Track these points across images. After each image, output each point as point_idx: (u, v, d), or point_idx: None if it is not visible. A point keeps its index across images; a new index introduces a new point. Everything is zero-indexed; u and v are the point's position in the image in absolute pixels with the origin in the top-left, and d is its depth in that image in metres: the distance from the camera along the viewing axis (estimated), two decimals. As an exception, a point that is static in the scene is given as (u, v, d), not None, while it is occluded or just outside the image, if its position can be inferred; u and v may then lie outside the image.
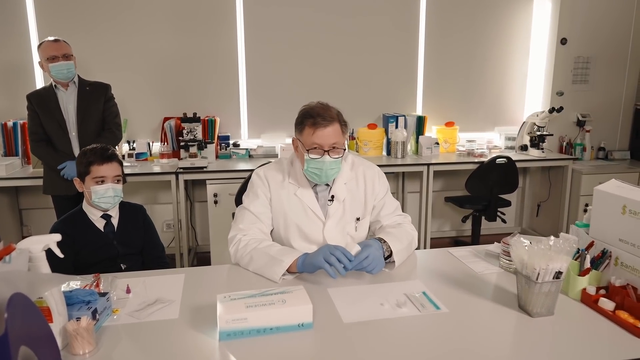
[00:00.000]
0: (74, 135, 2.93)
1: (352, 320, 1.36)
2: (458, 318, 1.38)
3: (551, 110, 3.90)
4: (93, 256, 1.96)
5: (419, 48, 4.16)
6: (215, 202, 3.42)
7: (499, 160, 3.72)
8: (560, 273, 1.34)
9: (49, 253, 1.25)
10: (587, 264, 1.49)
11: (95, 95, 2.96)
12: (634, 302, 1.35)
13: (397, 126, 3.98)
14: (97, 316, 1.30)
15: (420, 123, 4.10)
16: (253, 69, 3.95)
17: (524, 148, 4.08)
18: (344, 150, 1.73)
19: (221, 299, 1.31)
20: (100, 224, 2.01)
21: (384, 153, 4.06)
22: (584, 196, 3.94)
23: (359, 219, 1.86)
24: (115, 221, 2.04)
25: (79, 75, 2.97)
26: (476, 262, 1.77)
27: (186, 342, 1.26)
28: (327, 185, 1.83)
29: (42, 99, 2.89)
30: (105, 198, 1.94)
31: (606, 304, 1.39)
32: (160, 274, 1.70)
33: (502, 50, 4.29)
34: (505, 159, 3.73)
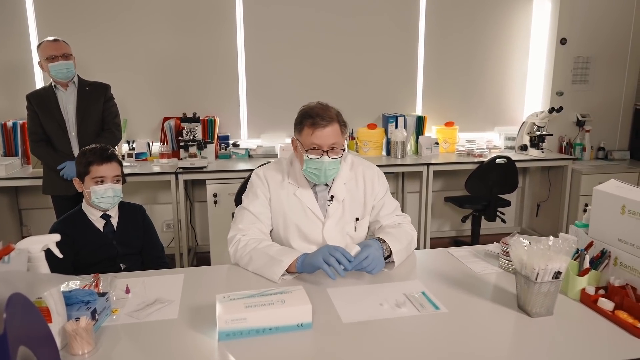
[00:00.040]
0: (73, 136, 2.93)
1: (352, 320, 1.36)
2: (457, 318, 1.38)
3: (551, 110, 3.90)
4: (92, 256, 1.96)
5: (418, 48, 4.17)
6: (215, 202, 3.42)
7: (498, 160, 3.72)
8: (559, 273, 1.34)
9: (49, 253, 1.25)
10: (587, 264, 1.49)
11: (95, 96, 2.96)
12: (633, 302, 1.35)
13: (397, 126, 3.98)
14: (97, 316, 1.30)
15: (420, 123, 4.10)
16: (253, 68, 3.95)
17: (523, 148, 4.08)
18: (343, 151, 1.73)
19: (220, 299, 1.31)
20: (99, 224, 2.01)
21: (384, 153, 4.07)
22: (583, 196, 3.94)
23: (358, 219, 1.86)
24: (114, 221, 2.04)
25: (79, 76, 2.97)
26: (475, 262, 1.77)
27: (185, 342, 1.26)
28: (327, 185, 1.83)
29: (42, 99, 2.89)
30: (104, 198, 1.94)
31: (605, 304, 1.39)
32: (160, 274, 1.70)
33: (502, 50, 4.29)
34: (505, 159, 3.73)
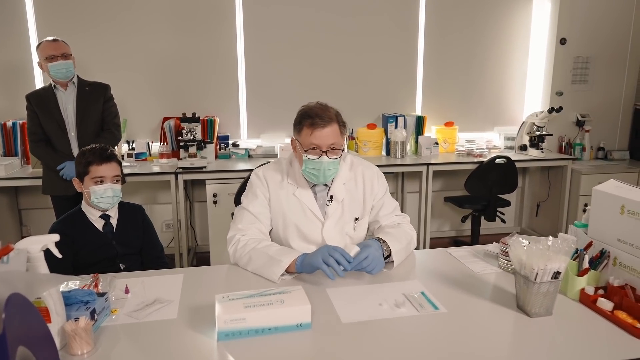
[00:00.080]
0: (73, 136, 2.92)
1: (351, 320, 1.36)
2: (456, 318, 1.38)
3: (550, 110, 3.90)
4: (92, 256, 1.96)
5: (418, 48, 4.17)
6: (215, 202, 3.42)
7: (498, 160, 3.72)
8: (558, 273, 1.34)
9: (48, 253, 1.25)
10: (586, 264, 1.49)
11: (95, 96, 2.96)
12: (633, 302, 1.35)
13: (397, 126, 3.99)
14: (96, 316, 1.30)
15: (420, 123, 4.10)
16: (252, 68, 3.95)
17: (523, 148, 4.08)
18: (342, 151, 1.73)
19: (219, 299, 1.31)
20: (99, 224, 2.01)
21: (384, 153, 4.06)
22: (583, 196, 3.94)
23: (357, 219, 1.86)
24: (114, 221, 2.04)
25: (78, 76, 2.97)
26: (475, 262, 1.77)
27: (184, 342, 1.26)
28: (326, 185, 1.83)
29: (42, 99, 2.89)
30: (104, 198, 1.94)
31: (604, 304, 1.39)
32: (159, 274, 1.70)
33: (502, 50, 4.29)
34: (504, 159, 3.73)
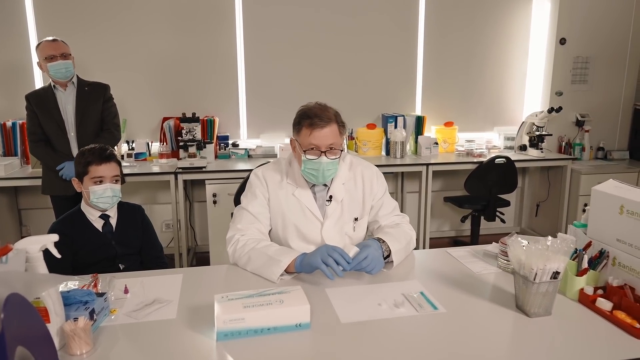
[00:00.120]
0: (72, 136, 2.92)
1: (350, 320, 1.36)
2: (456, 318, 1.38)
3: (550, 110, 3.90)
4: (91, 256, 1.96)
5: (418, 48, 4.16)
6: (215, 202, 3.42)
7: (498, 160, 3.72)
8: (557, 273, 1.34)
9: (47, 253, 1.25)
10: (585, 264, 1.49)
11: (94, 96, 2.96)
12: (632, 302, 1.35)
13: (396, 126, 3.98)
14: (95, 316, 1.30)
15: (420, 123, 4.10)
16: (252, 68, 3.95)
17: (523, 148, 4.08)
18: (341, 151, 1.73)
19: (219, 299, 1.31)
20: (98, 224, 2.01)
21: (383, 153, 4.06)
22: (583, 196, 3.94)
23: (357, 219, 1.86)
24: (113, 221, 2.04)
25: (78, 76, 2.96)
26: (474, 262, 1.77)
27: (184, 343, 1.26)
28: (325, 185, 1.83)
29: (41, 99, 2.89)
30: (103, 198, 1.94)
31: (604, 304, 1.39)
32: (159, 274, 1.70)
33: (501, 50, 4.29)
34: (504, 159, 3.73)
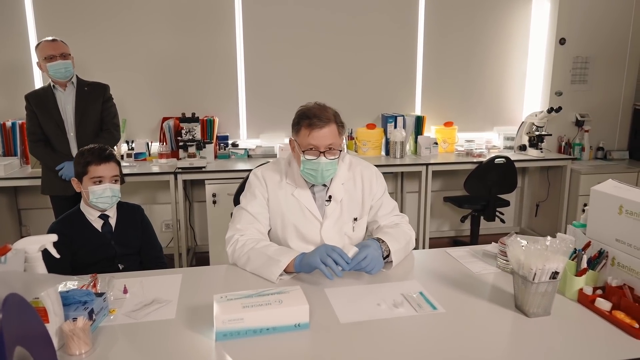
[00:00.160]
0: (72, 136, 2.92)
1: (349, 320, 1.36)
2: (455, 318, 1.38)
3: (550, 110, 3.90)
4: (90, 256, 1.96)
5: (417, 48, 4.16)
6: (214, 202, 3.42)
7: (497, 160, 3.72)
8: (556, 273, 1.34)
9: (46, 253, 1.25)
10: (584, 264, 1.49)
11: (94, 96, 2.96)
12: (631, 303, 1.35)
13: (396, 126, 3.98)
14: (94, 316, 1.30)
15: (419, 123, 4.10)
16: (252, 68, 3.95)
17: (522, 148, 4.08)
18: (340, 152, 1.73)
19: (218, 299, 1.31)
20: (97, 224, 2.01)
21: (383, 153, 4.06)
22: (582, 196, 3.94)
23: (356, 219, 1.86)
24: (112, 221, 2.04)
25: (78, 76, 2.96)
26: (474, 262, 1.77)
27: (183, 343, 1.26)
28: (325, 185, 1.83)
29: (41, 99, 2.89)
30: (102, 198, 1.94)
31: (603, 304, 1.39)
32: (158, 274, 1.70)
33: (501, 50, 4.29)
34: (504, 159, 3.73)
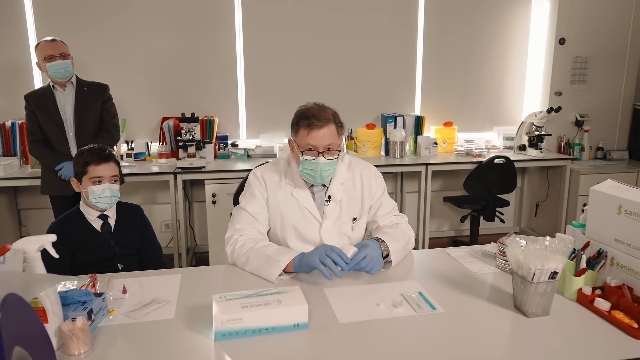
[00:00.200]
0: (71, 136, 2.92)
1: (348, 320, 1.36)
2: (454, 318, 1.38)
3: (549, 110, 3.90)
4: (90, 256, 1.96)
5: (417, 47, 4.16)
6: (214, 202, 3.41)
7: (497, 160, 3.72)
8: (555, 273, 1.34)
9: (46, 253, 1.25)
10: (583, 264, 1.49)
11: (93, 96, 2.96)
12: (630, 303, 1.35)
13: (396, 126, 3.98)
14: (93, 316, 1.30)
15: (419, 123, 4.10)
16: (252, 68, 3.95)
17: (522, 148, 4.08)
18: (339, 152, 1.73)
19: (217, 299, 1.31)
20: (97, 224, 2.01)
21: (383, 153, 4.06)
22: (582, 196, 3.94)
23: (355, 219, 1.86)
24: (112, 221, 2.04)
25: (77, 76, 2.96)
26: (473, 262, 1.77)
27: (182, 343, 1.26)
28: (324, 185, 1.83)
29: (40, 99, 2.89)
30: (102, 198, 1.94)
31: (602, 304, 1.39)
32: (157, 274, 1.70)
33: (501, 50, 4.29)
34: (503, 159, 3.73)
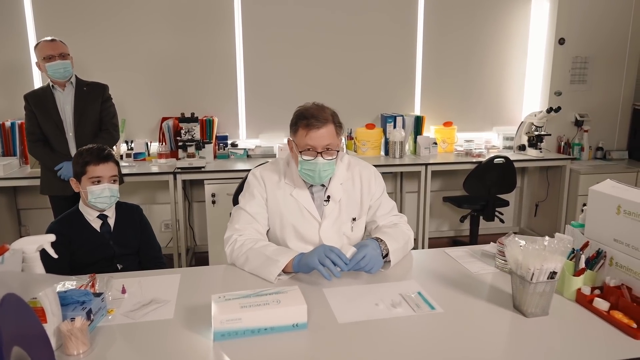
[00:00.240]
0: (71, 136, 2.92)
1: (347, 320, 1.36)
2: (453, 318, 1.38)
3: (549, 110, 3.90)
4: (89, 256, 1.96)
5: (417, 47, 4.16)
6: (213, 202, 3.41)
7: (497, 160, 3.72)
8: (554, 273, 1.34)
9: (45, 253, 1.25)
10: (582, 264, 1.49)
11: (93, 96, 2.96)
12: (629, 302, 1.35)
13: (395, 126, 3.98)
14: (92, 316, 1.30)
15: (419, 123, 4.10)
16: (251, 68, 3.95)
17: (522, 148, 4.08)
18: (337, 152, 1.73)
19: (216, 299, 1.31)
20: (96, 224, 2.01)
21: (382, 153, 4.06)
22: (581, 196, 3.94)
23: (355, 219, 1.86)
24: (111, 221, 2.04)
25: (77, 76, 2.96)
26: (472, 262, 1.77)
27: (181, 343, 1.26)
28: (323, 185, 1.84)
29: (40, 99, 2.89)
30: (101, 198, 1.94)
31: (601, 304, 1.39)
32: (156, 274, 1.70)
33: (500, 49, 4.29)
34: (503, 159, 3.73)
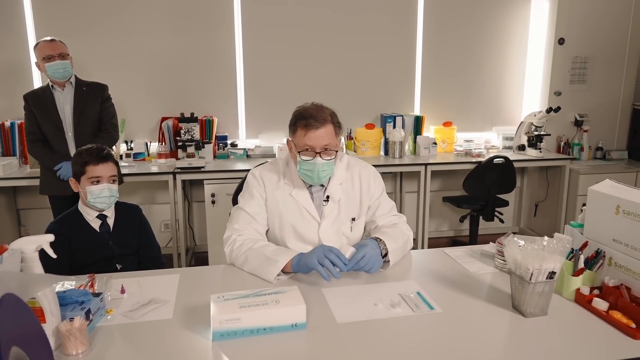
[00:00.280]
0: (70, 136, 2.92)
1: (346, 320, 1.36)
2: (452, 318, 1.38)
3: (549, 110, 3.90)
4: (88, 256, 1.96)
5: (417, 47, 4.16)
6: (213, 202, 3.42)
7: (496, 160, 3.72)
8: (553, 273, 1.34)
9: (44, 253, 1.25)
10: (581, 264, 1.50)
11: (92, 96, 2.96)
12: (628, 302, 1.35)
13: (395, 126, 3.98)
14: (91, 316, 1.30)
15: (418, 123, 4.10)
16: (251, 68, 3.95)
17: (521, 148, 4.08)
18: (336, 152, 1.72)
19: (215, 299, 1.31)
20: (95, 224, 2.01)
21: (382, 153, 4.06)
22: (581, 196, 3.94)
23: (354, 219, 1.86)
24: (111, 221, 2.04)
25: (76, 76, 2.96)
26: (471, 262, 1.77)
27: (180, 343, 1.26)
28: (322, 185, 1.84)
29: (39, 99, 2.89)
30: (100, 198, 1.95)
31: (600, 304, 1.39)
32: (155, 274, 1.70)
33: (500, 49, 4.29)
34: (502, 159, 3.73)
